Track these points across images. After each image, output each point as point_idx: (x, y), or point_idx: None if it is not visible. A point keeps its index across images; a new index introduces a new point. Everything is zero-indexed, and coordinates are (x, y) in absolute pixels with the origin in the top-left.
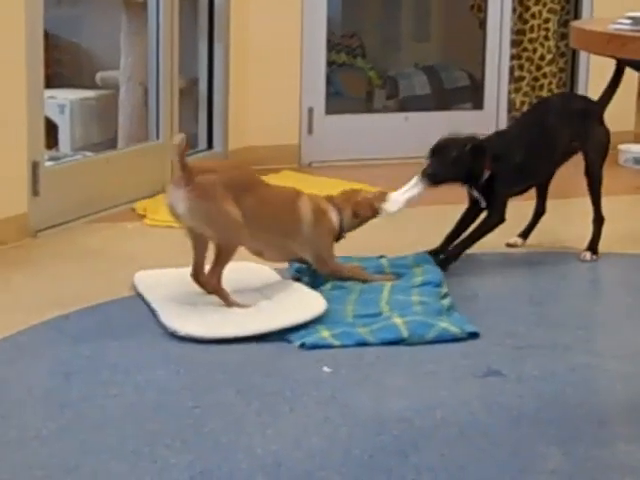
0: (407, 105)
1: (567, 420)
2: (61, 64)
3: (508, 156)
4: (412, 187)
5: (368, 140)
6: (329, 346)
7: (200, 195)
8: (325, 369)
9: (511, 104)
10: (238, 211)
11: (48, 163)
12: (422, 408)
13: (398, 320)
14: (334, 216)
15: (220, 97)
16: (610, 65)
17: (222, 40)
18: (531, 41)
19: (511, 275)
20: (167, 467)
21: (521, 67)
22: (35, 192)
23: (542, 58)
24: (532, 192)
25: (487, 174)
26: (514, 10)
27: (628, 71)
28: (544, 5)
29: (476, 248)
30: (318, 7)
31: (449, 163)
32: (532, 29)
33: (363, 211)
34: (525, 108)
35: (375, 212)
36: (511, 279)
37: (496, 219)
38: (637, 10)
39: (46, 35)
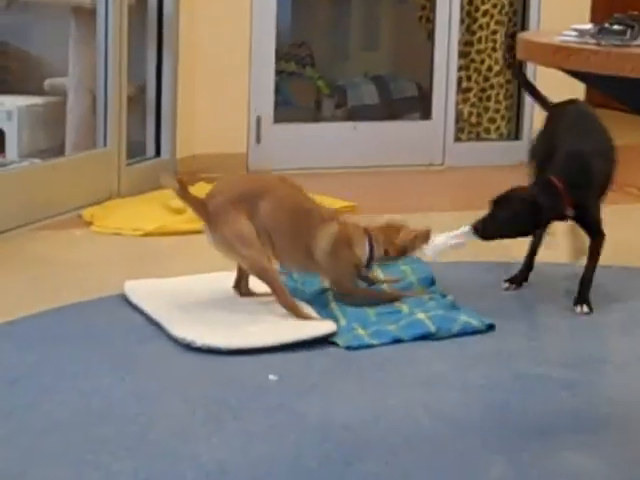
0: (356, 114)
1: (512, 428)
2: (9, 71)
3: (581, 176)
4: (460, 236)
5: (316, 149)
6: (369, 346)
7: (216, 224)
8: (271, 377)
9: (459, 114)
10: (251, 227)
11: None
12: (368, 416)
13: (422, 315)
14: (361, 249)
15: (168, 105)
16: (556, 77)
17: (170, 48)
18: (479, 52)
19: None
20: (111, 474)
21: (469, 78)
22: None
23: (490, 69)
24: None
25: (570, 211)
26: (462, 21)
27: (574, 83)
28: (492, 17)
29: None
30: (267, 16)
31: (507, 221)
32: (480, 40)
33: (396, 252)
34: (473, 119)
35: (408, 253)
36: None
37: (601, 239)
38: (583, 23)
39: None
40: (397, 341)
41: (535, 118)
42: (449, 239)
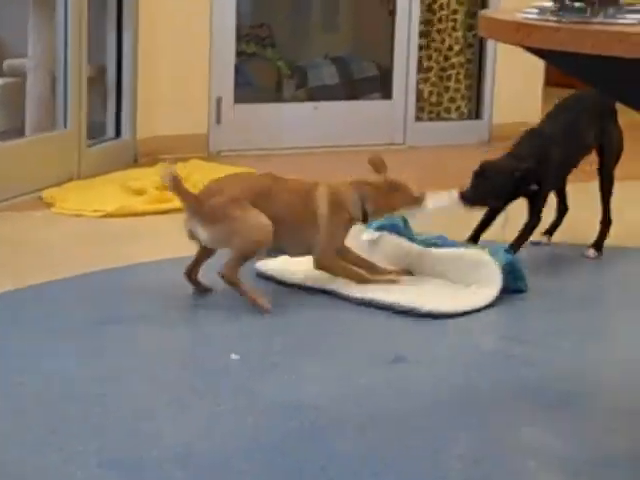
0: (316, 95)
1: (474, 405)
2: None
3: (549, 160)
4: (446, 199)
5: (277, 129)
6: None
7: (215, 220)
8: (233, 356)
9: (419, 94)
10: (261, 213)
11: None
12: (332, 395)
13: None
14: (352, 205)
15: (129, 86)
16: (517, 56)
17: (131, 28)
18: (439, 32)
19: None
20: (74, 454)
21: (429, 57)
22: None
23: (450, 49)
24: None
25: (534, 187)
26: (422, 1)
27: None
28: None
29: None
30: None
31: (492, 190)
32: (440, 20)
33: (388, 211)
34: (433, 98)
35: (409, 205)
36: None
37: (536, 221)
38: (544, 0)
39: None
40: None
41: (495, 97)
42: (436, 203)
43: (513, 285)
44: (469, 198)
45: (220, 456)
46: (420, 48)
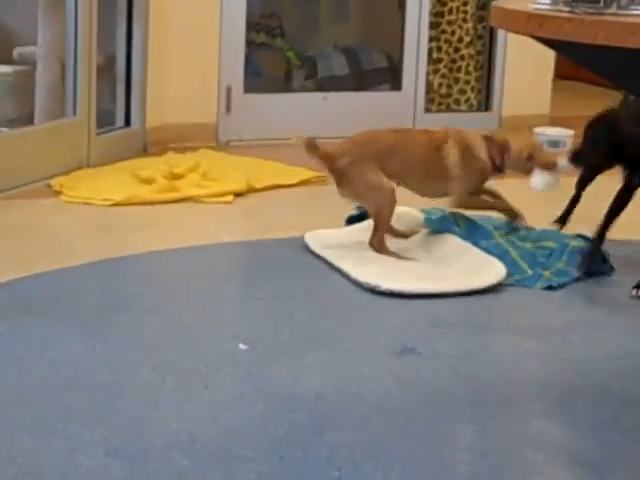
0: (326, 85)
1: (482, 398)
2: None
3: None
4: (559, 169)
5: (286, 119)
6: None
7: (342, 181)
8: (241, 346)
9: (429, 85)
10: (383, 177)
11: None
12: (338, 385)
13: (560, 264)
14: (484, 154)
15: (138, 74)
16: (527, 49)
17: (141, 17)
18: (449, 23)
19: None
20: (81, 443)
21: (439, 49)
22: None
23: (460, 40)
24: None
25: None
26: None
27: (545, 53)
28: None
29: None
30: None
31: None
32: (451, 11)
33: (537, 158)
34: (443, 90)
35: (546, 165)
36: None
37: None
38: None
39: None
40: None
41: (505, 89)
42: (554, 176)
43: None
44: (578, 157)
45: (224, 444)
46: (430, 39)
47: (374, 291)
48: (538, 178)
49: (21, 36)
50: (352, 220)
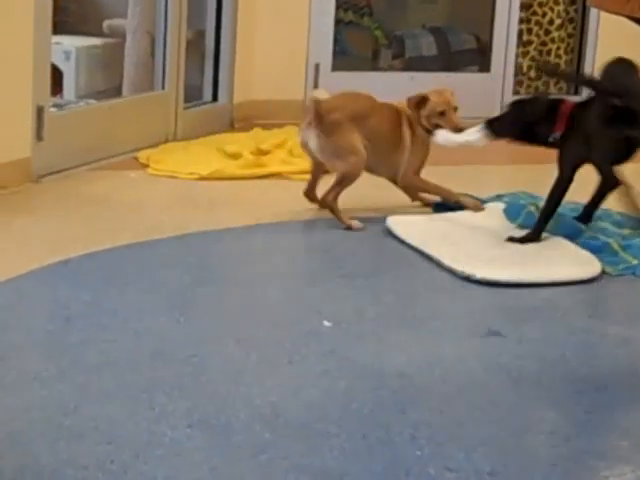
0: (413, 65)
1: (566, 383)
2: (69, 12)
3: None
4: (473, 133)
5: None
6: None
7: (328, 133)
8: (325, 323)
9: (518, 68)
10: (362, 141)
11: (52, 109)
12: (422, 365)
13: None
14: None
15: (227, 50)
16: (620, 32)
17: None
18: (541, 5)
19: None
20: (165, 414)
21: (529, 31)
22: (39, 137)
23: (551, 22)
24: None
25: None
26: None
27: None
28: None
29: None
30: None
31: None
32: None
33: (447, 117)
34: (532, 73)
35: (453, 126)
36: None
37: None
38: None
39: None
40: None
41: (596, 73)
42: (465, 136)
43: None
44: (495, 127)
45: (307, 419)
46: (520, 21)
47: (469, 279)
48: (443, 135)
49: (111, 9)
50: (439, 208)
